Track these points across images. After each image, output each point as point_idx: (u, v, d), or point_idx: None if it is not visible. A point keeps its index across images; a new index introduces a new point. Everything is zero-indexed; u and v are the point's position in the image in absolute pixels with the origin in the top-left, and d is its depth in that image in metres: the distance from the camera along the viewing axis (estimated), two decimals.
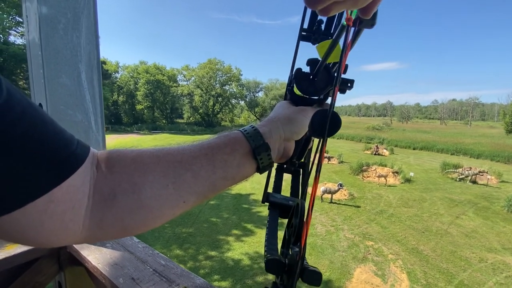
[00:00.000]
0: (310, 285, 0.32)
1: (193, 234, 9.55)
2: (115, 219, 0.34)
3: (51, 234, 0.30)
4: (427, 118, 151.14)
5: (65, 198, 0.29)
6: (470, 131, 62.29)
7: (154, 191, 0.36)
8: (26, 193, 0.25)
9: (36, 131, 0.26)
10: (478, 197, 14.39)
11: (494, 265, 8.17)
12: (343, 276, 7.41)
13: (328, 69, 0.46)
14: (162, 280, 0.73)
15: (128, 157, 0.37)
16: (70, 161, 0.29)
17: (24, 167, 0.24)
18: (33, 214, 0.27)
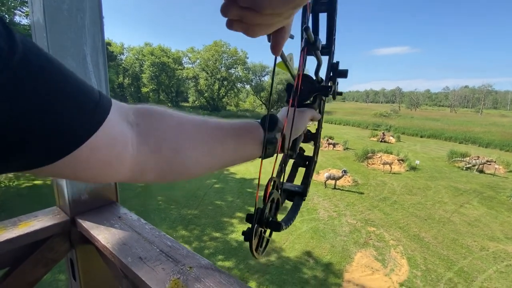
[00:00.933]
0: (272, 230, 0.46)
1: (198, 216, 9.81)
2: (156, 168, 0.41)
3: (100, 175, 0.35)
4: (436, 106, 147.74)
5: (107, 144, 0.33)
6: (480, 119, 60.87)
7: (193, 154, 0.43)
8: (66, 143, 0.28)
9: (59, 84, 0.27)
10: (484, 187, 14.30)
11: (496, 253, 8.25)
12: (343, 260, 7.60)
13: (310, 80, 0.57)
14: (168, 260, 0.75)
15: (171, 120, 0.43)
16: (99, 110, 0.31)
17: (57, 119, 0.26)
18: (78, 162, 0.30)
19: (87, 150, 0.30)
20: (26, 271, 0.91)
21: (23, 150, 0.25)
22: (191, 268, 0.71)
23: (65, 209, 1.01)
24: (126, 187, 12.12)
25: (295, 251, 7.90)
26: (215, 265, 0.73)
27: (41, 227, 0.93)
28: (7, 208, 9.50)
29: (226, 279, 0.67)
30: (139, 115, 0.40)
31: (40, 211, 1.03)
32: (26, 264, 0.91)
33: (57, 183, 1.04)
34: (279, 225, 0.45)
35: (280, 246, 8.13)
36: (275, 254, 7.71)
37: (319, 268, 7.24)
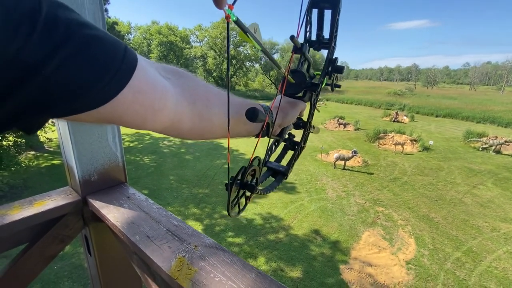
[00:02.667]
0: (248, 190, 0.52)
1: (209, 195, 10.08)
2: (189, 121, 0.44)
3: (143, 121, 0.38)
4: (455, 83, 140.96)
5: (147, 89, 0.35)
6: (502, 97, 57.87)
7: (219, 113, 0.48)
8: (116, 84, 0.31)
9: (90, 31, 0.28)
10: (500, 168, 13.91)
11: (507, 234, 8.19)
12: (351, 238, 7.74)
13: (302, 75, 0.62)
14: (174, 239, 0.78)
15: (199, 82, 0.47)
16: (128, 55, 0.32)
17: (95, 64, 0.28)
18: (123, 106, 0.33)
19: (131, 93, 0.32)
20: (44, 247, 0.97)
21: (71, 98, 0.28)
22: (196, 246, 0.74)
23: (77, 189, 1.05)
24: (139, 167, 12.51)
25: (303, 229, 8.09)
26: (219, 244, 0.75)
27: (55, 206, 0.98)
28: (29, 186, 10.05)
29: (230, 258, 0.69)
30: (168, 71, 0.42)
31: (54, 191, 1.08)
32: (43, 240, 0.96)
33: (67, 164, 1.07)
34: (254, 187, 0.51)
35: (289, 224, 8.33)
36: (283, 232, 7.93)
37: (326, 245, 7.43)
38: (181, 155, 14.74)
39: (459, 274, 6.53)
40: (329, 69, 0.67)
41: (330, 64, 0.66)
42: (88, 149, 1.01)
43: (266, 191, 0.62)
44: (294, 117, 0.65)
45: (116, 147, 1.08)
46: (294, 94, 0.65)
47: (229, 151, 0.47)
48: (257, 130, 0.58)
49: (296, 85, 0.63)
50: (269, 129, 0.57)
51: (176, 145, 16.50)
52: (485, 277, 6.50)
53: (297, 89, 0.63)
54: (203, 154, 14.85)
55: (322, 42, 0.64)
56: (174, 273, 0.64)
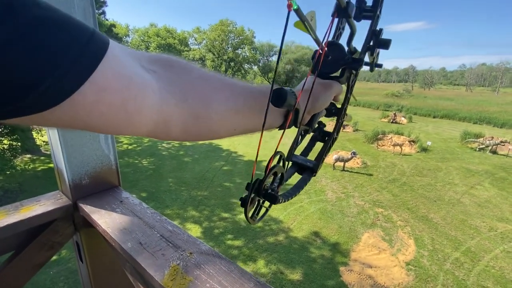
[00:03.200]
0: (268, 201, 0.45)
1: (208, 197, 10.02)
2: (181, 122, 0.37)
3: (116, 124, 0.30)
4: (452, 84, 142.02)
5: (117, 86, 0.28)
6: (497, 98, 58.37)
7: (220, 108, 0.40)
8: (61, 87, 0.23)
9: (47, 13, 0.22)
10: (497, 168, 13.96)
11: (504, 234, 8.20)
12: (350, 240, 7.70)
13: (340, 49, 0.51)
14: (168, 245, 0.74)
15: (195, 72, 0.39)
16: (94, 41, 0.25)
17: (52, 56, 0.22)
18: (84, 107, 0.26)
19: (93, 91, 0.25)
20: (31, 254, 0.93)
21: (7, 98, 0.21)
22: (192, 254, 0.70)
23: (67, 193, 1.01)
24: (137, 170, 12.42)
25: (302, 231, 8.04)
26: (216, 251, 0.71)
27: (43, 211, 0.93)
28: (25, 190, 9.93)
29: (227, 266, 0.65)
30: (154, 62, 0.35)
31: (43, 196, 1.03)
32: (31, 247, 0.92)
33: (57, 167, 1.03)
34: (276, 198, 0.44)
35: (288, 226, 8.28)
36: (283, 234, 7.88)
37: (326, 247, 7.38)
38: (180, 157, 14.66)
39: (458, 274, 6.51)
40: (371, 43, 0.54)
41: (373, 37, 0.53)
42: (79, 151, 0.97)
43: (289, 196, 0.52)
44: (327, 102, 0.53)
45: (109, 149, 1.04)
46: (329, 74, 0.54)
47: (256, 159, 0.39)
48: (277, 120, 0.48)
49: (332, 62, 0.51)
50: (297, 117, 0.47)
51: (175, 148, 16.43)
52: (483, 276, 6.48)
53: (333, 67, 0.52)
54: (201, 156, 14.79)
55: (363, 9, 0.50)
56: (167, 283, 0.60)
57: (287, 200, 0.50)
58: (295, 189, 0.54)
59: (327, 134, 0.60)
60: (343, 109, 0.58)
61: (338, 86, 0.54)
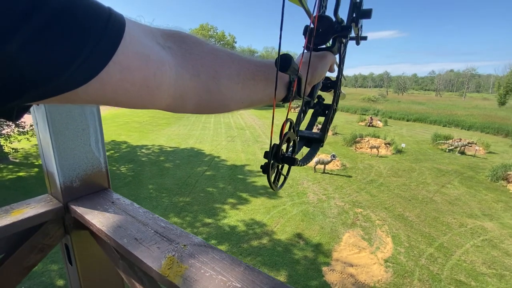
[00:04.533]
0: (287, 164, 0.45)
1: (190, 203, 9.88)
2: (195, 96, 0.39)
3: (139, 100, 0.33)
4: (423, 90, 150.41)
5: (138, 65, 0.30)
6: (464, 103, 62.61)
7: (229, 83, 0.42)
8: (88, 67, 0.25)
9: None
10: (465, 167, 14.96)
11: (473, 229, 8.78)
12: (332, 240, 7.92)
13: (329, 20, 0.53)
14: (163, 239, 0.79)
15: (205, 47, 0.41)
16: (113, 21, 0.27)
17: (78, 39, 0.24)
18: (110, 85, 0.28)
19: (117, 70, 0.27)
20: (22, 257, 0.93)
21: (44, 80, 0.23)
22: (185, 246, 0.76)
23: (58, 196, 1.03)
24: (115, 176, 12.00)
25: (286, 234, 8.15)
26: (208, 243, 0.77)
27: (34, 214, 0.95)
28: None
29: (219, 254, 0.71)
30: (168, 38, 0.37)
31: (32, 199, 1.04)
32: (22, 249, 0.93)
33: (47, 171, 1.04)
34: (294, 160, 0.45)
35: (272, 229, 8.36)
36: (267, 237, 7.94)
37: (309, 248, 7.53)
38: (160, 163, 14.35)
39: (432, 269, 6.88)
40: (354, 15, 0.56)
41: (354, 9, 0.55)
42: (70, 154, 1.00)
43: (306, 160, 0.55)
44: (324, 72, 0.55)
45: (99, 153, 1.07)
46: (321, 45, 0.55)
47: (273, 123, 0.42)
48: (281, 92, 0.49)
49: (323, 33, 0.53)
50: (300, 87, 0.48)
51: (155, 153, 16.06)
52: (456, 270, 6.90)
53: (324, 38, 0.54)
54: (183, 162, 14.57)
55: None
56: (165, 271, 0.66)
57: (303, 164, 0.53)
58: (309, 156, 0.58)
59: (327, 107, 0.63)
60: (338, 80, 0.61)
61: (331, 56, 0.56)
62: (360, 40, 0.64)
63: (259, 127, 26.41)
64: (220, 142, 19.37)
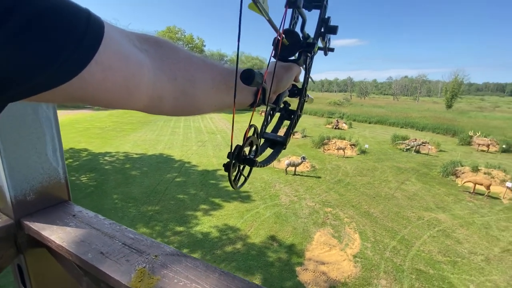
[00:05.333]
0: (248, 165, 0.50)
1: (159, 212, 9.47)
2: (172, 96, 0.41)
3: (118, 100, 0.34)
4: (382, 94, 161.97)
5: (119, 65, 0.31)
6: (417, 106, 68.60)
7: (204, 87, 0.45)
8: (77, 59, 0.26)
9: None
10: (420, 165, 16.36)
11: (429, 221, 9.60)
12: (304, 240, 8.12)
13: (296, 35, 0.58)
14: (132, 251, 0.75)
15: (180, 52, 0.43)
16: (93, 23, 0.28)
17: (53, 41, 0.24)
18: (92, 84, 0.29)
19: (99, 69, 0.28)
20: None
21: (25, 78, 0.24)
22: (157, 256, 0.73)
23: (8, 211, 0.92)
24: (75, 187, 11.08)
25: (260, 237, 8.18)
26: (181, 251, 0.75)
27: None
28: None
29: (192, 262, 0.70)
30: (144, 41, 0.38)
31: None
32: None
33: None
34: (254, 162, 0.48)
35: (245, 233, 8.33)
36: (240, 242, 7.89)
37: (282, 250, 7.63)
38: (126, 171, 13.58)
39: (396, 261, 7.38)
40: (322, 30, 0.62)
41: (322, 24, 0.61)
42: (24, 165, 0.90)
43: (265, 163, 0.58)
44: (289, 82, 0.60)
45: (57, 162, 0.99)
46: (288, 57, 0.60)
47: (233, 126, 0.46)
48: (249, 98, 0.53)
49: (290, 46, 0.58)
50: (265, 95, 0.52)
51: (119, 161, 15.17)
52: (416, 260, 7.47)
53: (291, 51, 0.59)
54: (151, 169, 13.95)
55: (312, 0, 0.59)
56: (135, 284, 0.62)
57: (263, 166, 0.56)
58: (270, 158, 0.61)
59: (292, 112, 0.67)
60: (303, 89, 0.66)
61: (297, 67, 0.61)
62: (328, 51, 0.70)
63: (230, 131, 26.28)
64: (191, 147, 18.91)
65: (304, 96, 0.67)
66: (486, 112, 58.69)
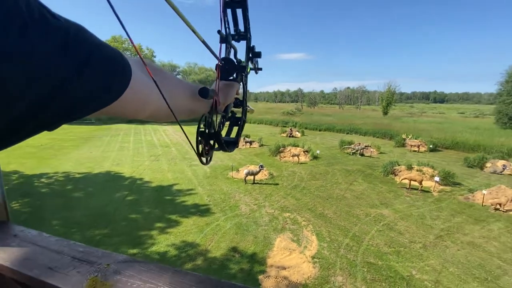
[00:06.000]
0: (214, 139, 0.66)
1: (108, 235, 8.67)
2: (164, 109, 0.52)
3: (138, 112, 0.49)
4: (329, 103, 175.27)
5: (140, 89, 0.45)
6: (359, 113, 75.89)
7: (180, 100, 0.61)
8: (120, 87, 0.40)
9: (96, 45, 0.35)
10: (365, 166, 18.05)
11: (375, 217, 10.59)
12: (265, 247, 8.24)
13: (231, 62, 0.76)
14: (83, 263, 0.75)
15: (166, 73, 0.59)
16: (126, 61, 0.41)
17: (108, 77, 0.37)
18: (126, 102, 0.42)
19: (130, 93, 0.41)
20: None
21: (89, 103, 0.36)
22: (109, 265, 0.74)
23: None
24: None
25: (221, 250, 8.05)
26: (133, 258, 0.78)
27: None
28: None
29: (145, 266, 0.73)
30: (142, 68, 0.49)
31: None
32: None
33: None
34: (219, 134, 0.64)
35: (206, 248, 8.12)
36: (201, 257, 7.65)
37: (244, 260, 7.62)
38: (67, 193, 12.17)
39: (349, 257, 7.96)
40: (250, 55, 0.82)
41: (250, 51, 0.82)
42: None
43: (227, 146, 0.72)
44: (233, 95, 0.78)
45: None
46: (228, 77, 0.77)
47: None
48: (205, 108, 0.68)
49: (229, 70, 0.76)
50: (217, 106, 0.68)
51: (59, 182, 13.53)
52: (366, 254, 8.16)
53: (230, 73, 0.77)
54: (98, 189, 12.74)
55: (240, 34, 0.79)
56: None
57: (226, 149, 0.72)
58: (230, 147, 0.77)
59: (239, 119, 0.85)
60: (244, 100, 0.85)
61: (236, 84, 0.79)
62: (257, 71, 0.92)
63: (186, 143, 25.54)
64: (143, 163, 17.82)
65: (245, 105, 0.86)
66: (415, 117, 67.85)
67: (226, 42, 0.73)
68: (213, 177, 14.83)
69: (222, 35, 0.69)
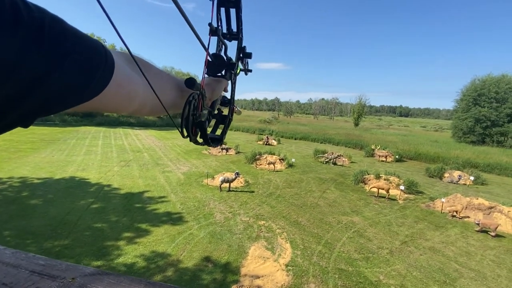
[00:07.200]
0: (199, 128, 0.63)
1: (69, 246, 8.01)
2: (150, 104, 0.54)
3: (123, 107, 0.47)
4: (305, 113, 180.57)
5: (125, 83, 0.43)
6: (332, 124, 78.98)
7: (168, 94, 0.60)
8: (102, 80, 0.38)
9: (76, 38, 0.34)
10: (337, 175, 18.68)
11: (347, 224, 10.94)
12: (240, 256, 8.11)
13: (221, 58, 0.76)
14: (43, 278, 0.67)
15: (153, 68, 0.57)
16: (109, 54, 0.39)
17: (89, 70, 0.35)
18: (110, 97, 0.41)
19: (113, 88, 0.40)
20: None
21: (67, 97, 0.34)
22: (74, 279, 0.68)
23: None
24: None
25: (193, 260, 7.77)
26: (102, 270, 0.72)
27: None
28: None
29: (115, 279, 0.68)
30: (129, 62, 0.48)
31: None
32: None
33: None
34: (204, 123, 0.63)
35: (177, 258, 7.79)
36: (172, 268, 7.32)
37: (218, 270, 7.43)
38: (22, 200, 11.09)
39: (322, 264, 8.09)
40: (241, 55, 0.82)
41: (240, 51, 0.81)
42: None
43: (212, 141, 0.70)
44: (220, 91, 0.77)
45: None
46: (217, 73, 0.77)
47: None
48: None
49: (218, 66, 0.75)
50: (204, 100, 0.66)
51: (13, 188, 12.31)
52: (338, 260, 8.36)
53: (219, 69, 0.76)
54: (59, 195, 11.78)
55: (232, 34, 0.78)
56: None
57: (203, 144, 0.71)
58: (216, 143, 0.76)
59: (225, 117, 0.84)
60: (232, 98, 0.84)
61: (225, 81, 0.78)
62: (247, 72, 0.92)
63: (159, 148, 24.65)
64: (111, 168, 16.86)
65: (233, 104, 0.85)
66: (383, 129, 72.06)
67: (216, 35, 0.71)
68: (187, 184, 14.42)
69: (212, 27, 0.68)
